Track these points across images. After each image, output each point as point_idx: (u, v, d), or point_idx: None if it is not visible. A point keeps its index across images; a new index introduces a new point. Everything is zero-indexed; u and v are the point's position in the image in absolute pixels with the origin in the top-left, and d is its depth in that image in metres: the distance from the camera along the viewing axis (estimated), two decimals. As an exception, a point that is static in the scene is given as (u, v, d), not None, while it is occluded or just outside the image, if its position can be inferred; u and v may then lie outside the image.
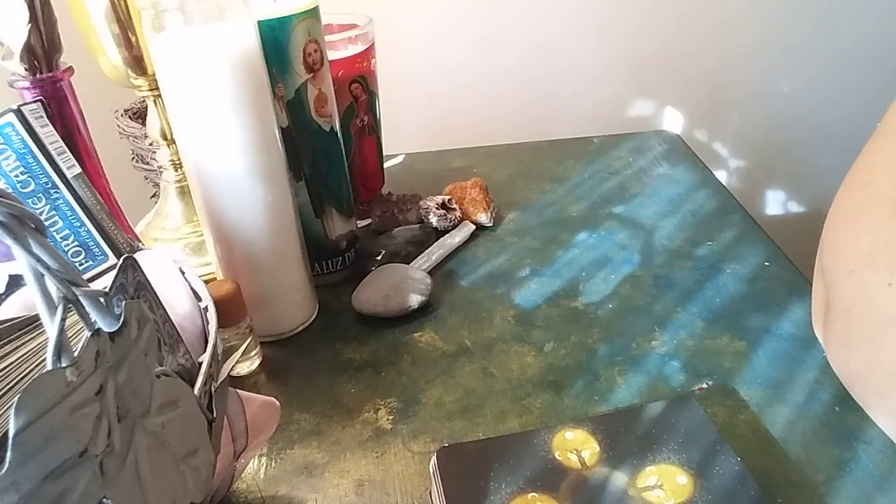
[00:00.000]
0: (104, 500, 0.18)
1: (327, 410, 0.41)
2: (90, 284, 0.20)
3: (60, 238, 0.36)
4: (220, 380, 0.27)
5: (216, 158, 0.40)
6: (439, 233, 0.58)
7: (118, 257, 0.35)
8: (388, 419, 0.40)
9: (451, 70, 0.93)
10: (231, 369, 0.29)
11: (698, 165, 0.70)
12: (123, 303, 0.21)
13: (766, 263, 0.52)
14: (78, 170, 0.36)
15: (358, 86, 0.56)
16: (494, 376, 0.42)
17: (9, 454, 0.15)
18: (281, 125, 0.45)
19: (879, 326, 0.32)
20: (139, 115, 0.63)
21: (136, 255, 0.24)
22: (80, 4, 0.44)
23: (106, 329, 0.20)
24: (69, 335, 0.25)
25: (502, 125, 0.92)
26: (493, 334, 0.46)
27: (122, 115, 0.62)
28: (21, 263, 0.18)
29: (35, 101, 0.37)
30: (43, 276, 0.18)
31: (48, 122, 0.36)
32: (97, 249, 0.36)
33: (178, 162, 0.51)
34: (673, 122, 1.00)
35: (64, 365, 0.17)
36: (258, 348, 0.45)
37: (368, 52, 0.56)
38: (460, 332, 0.47)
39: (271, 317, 0.46)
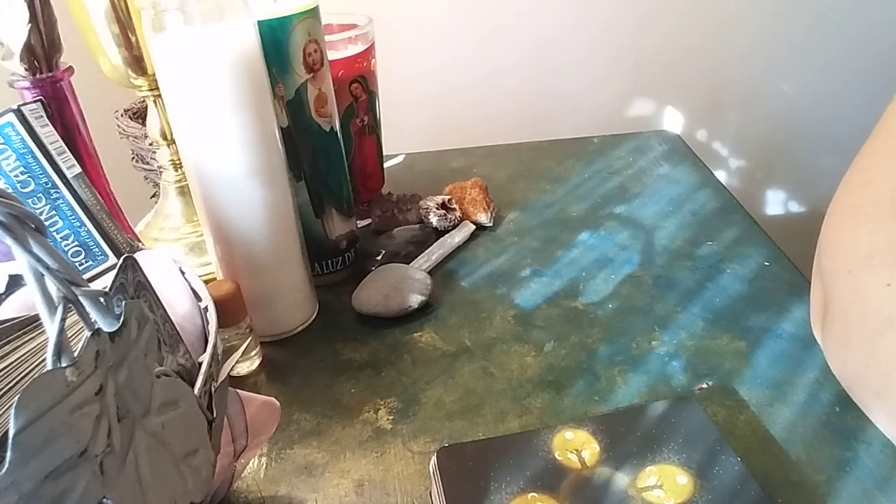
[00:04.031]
0: (104, 500, 0.18)
1: (327, 410, 0.41)
2: (90, 284, 0.20)
3: (60, 238, 0.36)
4: (220, 380, 0.27)
5: (216, 158, 0.40)
6: (439, 233, 0.58)
7: (118, 257, 0.35)
8: (388, 419, 0.40)
9: (451, 70, 0.93)
10: (231, 369, 0.29)
11: (698, 165, 0.70)
12: (123, 303, 0.21)
13: (767, 263, 0.52)
14: (78, 170, 0.36)
15: (358, 86, 0.56)
16: (494, 376, 0.42)
17: (9, 454, 0.15)
18: (281, 125, 0.45)
19: (877, 327, 0.32)
20: (139, 115, 0.63)
21: (136, 255, 0.24)
22: (80, 4, 0.44)
23: (106, 329, 0.20)
24: (69, 335, 0.25)
25: (502, 125, 0.92)
26: (493, 334, 0.46)
27: (122, 115, 0.62)
28: (21, 263, 0.18)
29: (35, 101, 0.37)
30: (43, 276, 0.18)
31: (48, 122, 0.36)
32: (97, 249, 0.36)
33: (178, 162, 0.51)
34: (673, 122, 1.00)
35: (64, 365, 0.17)
36: (258, 348, 0.45)
37: (368, 52, 0.56)
38: (460, 332, 0.47)
39: (271, 317, 0.46)
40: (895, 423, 0.32)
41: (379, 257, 0.54)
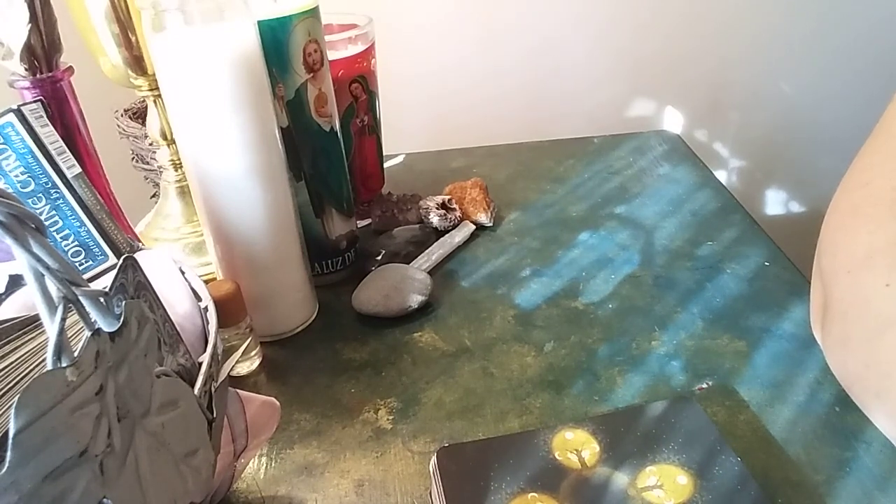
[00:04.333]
0: (104, 500, 0.18)
1: (327, 410, 0.41)
2: (90, 284, 0.20)
3: (60, 238, 0.36)
4: (220, 380, 0.27)
5: (216, 158, 0.40)
6: (439, 233, 0.58)
7: (118, 257, 0.35)
8: (388, 419, 0.40)
9: (451, 70, 0.93)
10: (231, 369, 0.29)
11: (699, 165, 0.70)
12: (123, 303, 0.21)
13: (767, 263, 0.52)
14: (78, 170, 0.36)
15: (358, 86, 0.56)
16: (494, 376, 0.42)
17: (9, 454, 0.15)
18: (281, 125, 0.45)
19: (877, 328, 0.32)
20: (139, 115, 0.63)
21: (136, 255, 0.24)
22: (80, 4, 0.44)
23: (106, 329, 0.20)
24: (69, 335, 0.25)
25: (502, 125, 0.92)
26: (493, 334, 0.46)
27: (122, 115, 0.62)
28: (21, 263, 0.18)
29: (35, 101, 0.37)
30: (43, 276, 0.18)
31: (48, 122, 0.36)
32: (97, 249, 0.36)
33: (178, 162, 0.51)
34: (673, 122, 1.00)
35: (64, 365, 0.17)
36: (258, 348, 0.45)
37: (368, 52, 0.56)
38: (460, 332, 0.47)
39: (271, 317, 0.46)
40: (895, 424, 0.32)
41: (379, 257, 0.54)
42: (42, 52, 0.40)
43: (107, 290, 0.21)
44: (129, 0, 0.43)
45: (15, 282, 0.32)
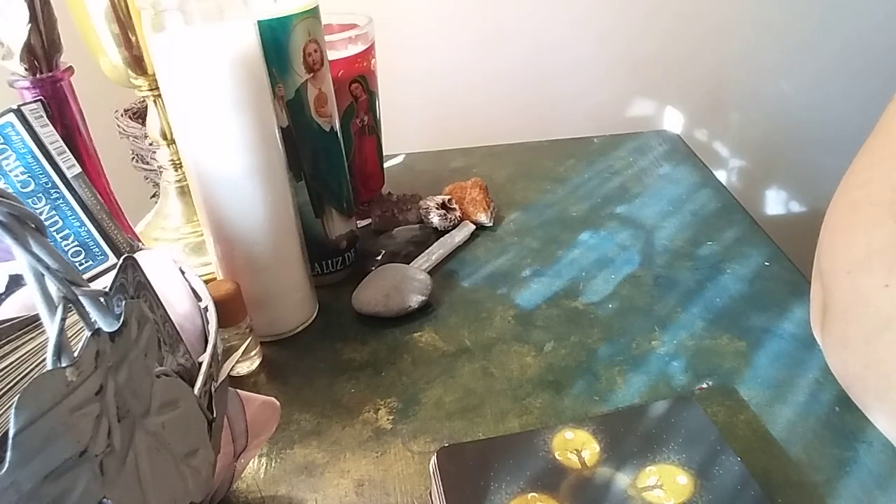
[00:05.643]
0: (104, 500, 0.18)
1: (327, 410, 0.41)
2: (90, 284, 0.20)
3: (60, 238, 0.36)
4: (220, 380, 0.27)
5: (216, 158, 0.40)
6: (439, 233, 0.58)
7: (118, 257, 0.35)
8: (388, 419, 0.40)
9: (451, 70, 0.93)
10: (231, 369, 0.29)
11: (699, 165, 0.70)
12: (123, 303, 0.21)
13: (767, 263, 0.52)
14: (78, 170, 0.36)
15: (358, 86, 0.56)
16: (494, 376, 0.42)
17: (9, 454, 0.15)
18: (281, 125, 0.45)
19: (876, 328, 0.32)
20: (139, 115, 0.63)
21: (136, 255, 0.24)
22: (80, 4, 0.44)
23: (106, 329, 0.20)
24: (69, 335, 0.25)
25: (502, 125, 0.92)
26: (493, 334, 0.46)
27: (122, 115, 0.62)
28: (21, 263, 0.18)
29: (35, 101, 0.37)
30: (43, 276, 0.18)
31: (48, 122, 0.36)
32: (97, 249, 0.36)
33: (178, 162, 0.51)
34: (673, 122, 1.00)
35: (64, 365, 0.17)
36: (258, 348, 0.45)
37: (368, 52, 0.56)
38: (460, 332, 0.47)
39: (271, 317, 0.46)
40: (894, 424, 0.32)
41: (379, 257, 0.54)
42: (42, 52, 0.40)
43: (107, 290, 0.21)
44: (129, 0, 0.43)
45: (15, 282, 0.32)
